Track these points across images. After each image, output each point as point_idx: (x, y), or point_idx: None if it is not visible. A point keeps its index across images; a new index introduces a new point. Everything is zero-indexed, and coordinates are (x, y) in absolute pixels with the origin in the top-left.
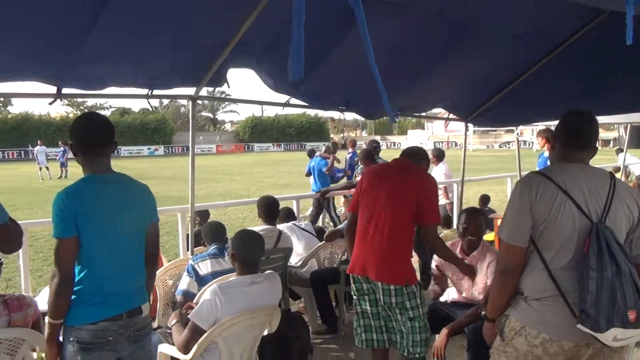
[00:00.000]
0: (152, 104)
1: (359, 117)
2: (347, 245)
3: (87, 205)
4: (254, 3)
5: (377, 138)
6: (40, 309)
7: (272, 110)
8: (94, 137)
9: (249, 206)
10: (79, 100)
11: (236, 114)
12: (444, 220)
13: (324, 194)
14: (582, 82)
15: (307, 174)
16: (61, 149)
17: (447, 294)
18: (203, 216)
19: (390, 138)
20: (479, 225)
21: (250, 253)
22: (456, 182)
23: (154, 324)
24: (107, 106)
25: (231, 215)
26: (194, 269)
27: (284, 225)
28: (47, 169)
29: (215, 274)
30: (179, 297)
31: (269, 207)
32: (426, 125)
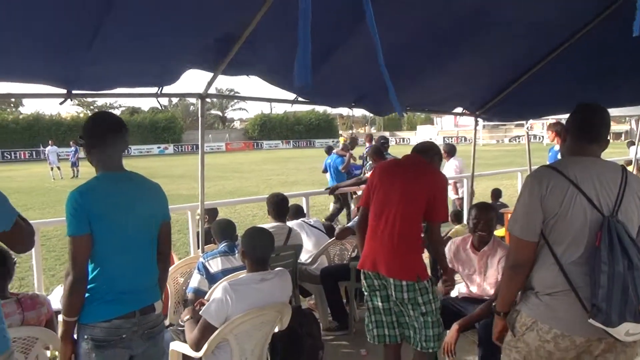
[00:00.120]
0: (161, 103)
1: (367, 113)
2: (358, 241)
3: (100, 204)
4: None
5: (386, 134)
6: (53, 307)
7: (281, 108)
8: (107, 136)
9: (259, 204)
10: (89, 100)
11: (245, 111)
12: (454, 216)
13: (333, 191)
14: (594, 75)
15: (323, 171)
16: (72, 148)
17: (457, 289)
18: (212, 214)
19: (400, 134)
20: (489, 220)
21: (260, 250)
22: (466, 177)
23: (166, 322)
24: (116, 105)
25: (241, 213)
26: (204, 266)
27: (293, 223)
28: (58, 168)
29: (225, 272)
30: (189, 294)
31: (278, 205)
32: (435, 121)
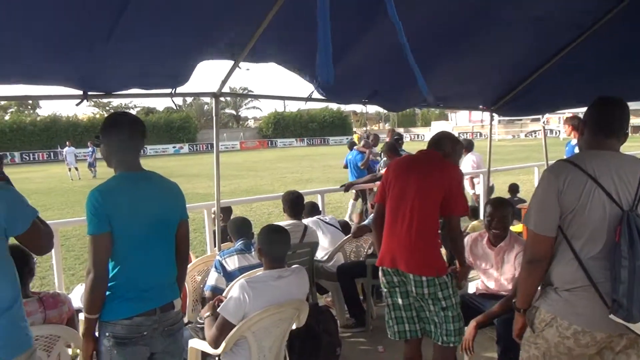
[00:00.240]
0: (176, 103)
1: (381, 110)
2: (375, 238)
3: (120, 203)
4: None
5: (401, 130)
6: (74, 306)
7: (295, 106)
8: (127, 136)
9: (274, 202)
10: (105, 101)
11: (259, 110)
12: (470, 212)
13: (347, 188)
14: (612, 67)
15: (344, 167)
16: (90, 149)
17: (474, 285)
18: (226, 212)
19: (414, 130)
20: (503, 217)
21: (276, 247)
22: (482, 173)
23: (184, 320)
24: (132, 106)
25: (257, 211)
26: (221, 264)
27: (309, 220)
28: (76, 169)
29: (242, 269)
30: (207, 292)
31: (293, 202)
32: (450, 117)
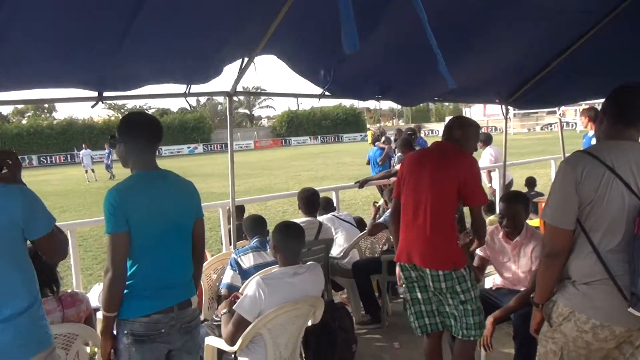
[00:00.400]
0: (189, 103)
1: (395, 106)
2: (393, 233)
3: (137, 202)
4: None
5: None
6: (91, 305)
7: (308, 104)
8: (144, 135)
9: (289, 199)
10: (120, 103)
11: (272, 109)
12: (486, 206)
13: (362, 184)
14: (630, 56)
15: (367, 163)
16: (106, 151)
17: (492, 280)
18: (238, 211)
19: (428, 126)
20: (513, 215)
21: (291, 244)
22: (498, 167)
23: (200, 317)
24: (146, 107)
25: (271, 210)
26: (236, 262)
27: (324, 217)
28: (92, 171)
29: (257, 267)
30: (223, 290)
31: (309, 199)
32: (464, 111)
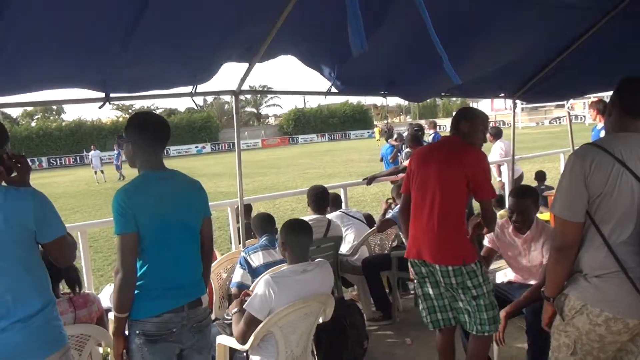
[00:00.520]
0: (197, 103)
1: (402, 102)
2: (403, 228)
3: (146, 202)
4: None
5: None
6: (103, 305)
7: (315, 101)
8: (151, 135)
9: (297, 197)
10: (127, 104)
11: (279, 107)
12: (496, 201)
13: (370, 181)
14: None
15: (380, 159)
16: (116, 152)
17: (504, 274)
18: (245, 210)
19: (435, 121)
20: (522, 210)
21: (299, 240)
22: (507, 162)
23: (212, 316)
24: (154, 108)
25: (280, 208)
26: (246, 261)
27: (333, 214)
28: (102, 172)
29: (267, 265)
30: (233, 289)
31: (318, 197)
32: (471, 106)
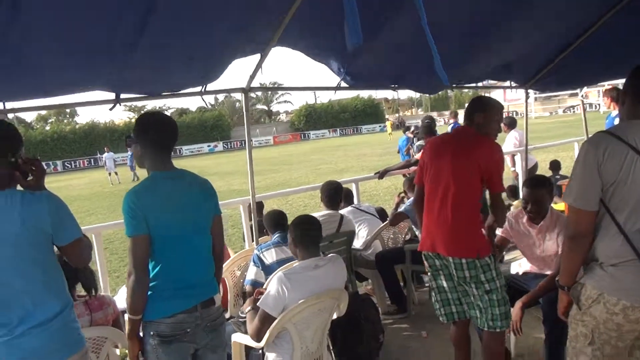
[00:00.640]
0: (207, 101)
1: (414, 95)
2: (417, 219)
3: (156, 202)
4: None
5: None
6: (119, 307)
7: (325, 97)
8: (159, 135)
9: (310, 193)
10: (139, 104)
11: (290, 104)
12: (510, 191)
13: (382, 175)
14: None
15: (397, 151)
16: (129, 153)
17: (518, 265)
18: (257, 207)
19: (447, 114)
20: (537, 200)
21: (308, 234)
22: (520, 152)
23: (226, 315)
24: (165, 107)
25: (292, 204)
26: (259, 258)
27: (345, 210)
28: (115, 174)
29: (280, 262)
30: (247, 287)
31: (332, 192)
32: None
